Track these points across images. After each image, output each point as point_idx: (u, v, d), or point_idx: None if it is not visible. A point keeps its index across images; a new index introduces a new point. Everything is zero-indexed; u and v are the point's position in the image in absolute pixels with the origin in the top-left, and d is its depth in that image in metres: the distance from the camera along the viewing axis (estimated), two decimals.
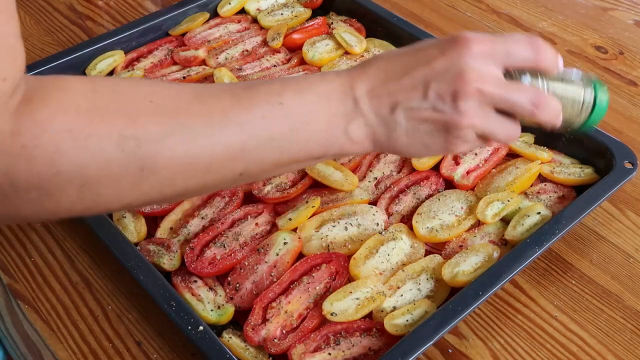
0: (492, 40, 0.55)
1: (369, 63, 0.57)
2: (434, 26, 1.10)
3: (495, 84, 0.54)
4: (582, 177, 0.80)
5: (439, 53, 0.55)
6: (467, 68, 0.53)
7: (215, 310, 0.68)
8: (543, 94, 0.56)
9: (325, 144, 0.56)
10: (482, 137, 0.57)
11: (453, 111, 0.54)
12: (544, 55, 0.56)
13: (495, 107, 0.55)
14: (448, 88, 0.54)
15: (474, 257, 0.71)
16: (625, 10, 1.14)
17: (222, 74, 0.92)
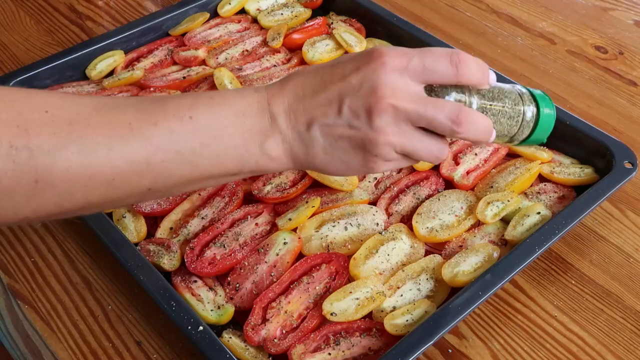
0: (408, 54, 0.54)
1: (288, 79, 0.56)
2: (434, 26, 1.10)
3: (410, 99, 0.52)
4: (582, 177, 0.80)
5: (353, 68, 0.53)
6: (381, 82, 0.52)
7: (215, 310, 0.68)
8: (464, 110, 0.53)
9: (239, 160, 0.54)
10: (404, 154, 0.55)
11: (368, 128, 0.53)
12: (467, 70, 0.54)
13: (414, 124, 0.53)
14: (362, 104, 0.52)
15: (474, 257, 0.71)
16: (625, 10, 1.14)
17: (222, 74, 0.92)
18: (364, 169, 0.56)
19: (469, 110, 0.54)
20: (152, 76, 0.95)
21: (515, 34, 1.09)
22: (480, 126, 0.55)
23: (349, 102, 0.53)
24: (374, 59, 0.53)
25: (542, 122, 0.57)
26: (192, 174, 0.54)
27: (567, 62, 1.03)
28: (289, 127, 0.54)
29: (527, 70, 1.01)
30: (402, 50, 0.54)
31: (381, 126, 0.52)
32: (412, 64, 0.53)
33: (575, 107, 0.95)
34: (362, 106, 0.52)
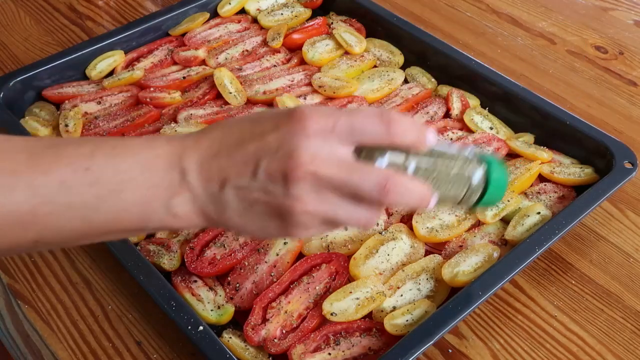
0: (334, 114, 0.48)
1: (206, 131, 0.51)
2: (434, 26, 1.10)
3: (333, 165, 0.47)
4: (582, 177, 0.80)
5: (273, 127, 0.48)
6: (300, 147, 0.47)
7: (215, 310, 0.68)
8: (394, 177, 0.48)
9: (142, 218, 0.49)
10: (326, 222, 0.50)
11: (284, 195, 0.48)
12: (399, 130, 0.49)
13: (339, 191, 0.48)
14: (278, 168, 0.47)
15: (474, 257, 0.71)
16: (625, 10, 1.14)
17: (222, 74, 0.92)
18: (284, 234, 0.51)
19: (399, 177, 0.48)
20: (152, 76, 0.95)
21: (515, 34, 1.09)
22: (414, 193, 0.49)
23: (265, 165, 0.47)
24: (294, 121, 0.48)
25: (492, 185, 0.52)
26: (86, 229, 0.49)
27: (567, 62, 1.03)
28: (201, 185, 0.49)
29: (527, 70, 1.01)
30: (328, 111, 0.49)
31: (299, 194, 0.47)
32: (338, 126, 0.48)
33: (575, 107, 0.95)
34: (278, 170, 0.47)
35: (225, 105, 0.90)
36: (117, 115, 0.89)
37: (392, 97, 0.92)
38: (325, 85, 0.92)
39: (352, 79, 0.94)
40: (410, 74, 0.97)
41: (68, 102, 0.91)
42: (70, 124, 0.86)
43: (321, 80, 0.92)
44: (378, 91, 0.92)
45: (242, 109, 0.89)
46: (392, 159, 0.50)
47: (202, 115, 0.88)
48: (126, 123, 0.87)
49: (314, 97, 0.92)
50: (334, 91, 0.91)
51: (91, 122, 0.88)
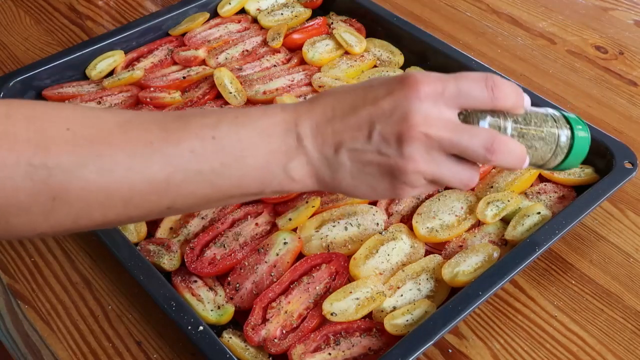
0: (443, 79, 0.52)
1: (317, 99, 0.54)
2: (434, 26, 1.10)
3: (443, 127, 0.51)
4: (582, 177, 0.80)
5: (386, 92, 0.52)
6: (413, 110, 0.50)
7: (215, 310, 0.68)
8: (499, 137, 0.52)
9: (262, 181, 0.53)
10: (433, 181, 0.54)
11: (397, 155, 0.51)
12: (502, 94, 0.53)
13: (446, 151, 0.52)
14: (393, 130, 0.51)
15: (474, 257, 0.71)
16: (625, 10, 1.14)
17: (222, 74, 0.92)
18: (391, 194, 0.54)
19: (503, 138, 0.53)
20: (152, 76, 0.95)
21: (515, 34, 1.09)
22: (514, 153, 0.54)
23: (380, 128, 0.51)
24: (407, 85, 0.51)
25: (576, 146, 0.56)
26: (213, 194, 0.52)
27: (567, 62, 1.03)
28: (316, 149, 0.52)
29: (527, 70, 1.01)
30: (438, 76, 0.52)
31: (411, 154, 0.51)
32: (447, 90, 0.51)
33: (575, 107, 0.95)
34: (392, 133, 0.51)
35: (226, 105, 0.90)
36: None
37: None
38: (325, 85, 0.92)
39: (352, 79, 0.94)
40: None
41: (68, 102, 0.91)
42: None
43: (321, 80, 0.92)
44: None
45: None
46: (492, 120, 0.53)
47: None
48: None
49: None
50: None
51: None
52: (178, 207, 0.53)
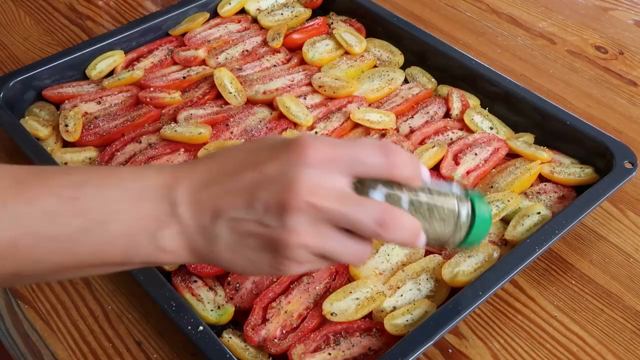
0: (335, 144, 0.47)
1: (199, 161, 0.50)
2: (434, 26, 1.10)
3: (332, 197, 0.46)
4: (582, 177, 0.80)
5: (271, 156, 0.47)
6: (299, 178, 0.45)
7: (215, 310, 0.68)
8: (392, 210, 0.47)
9: (127, 251, 0.47)
10: (320, 257, 0.48)
11: (280, 227, 0.46)
12: (398, 163, 0.48)
13: (334, 224, 0.47)
14: (276, 199, 0.45)
15: (474, 257, 0.71)
16: (625, 10, 1.14)
17: (222, 74, 0.92)
18: (274, 270, 0.49)
19: (396, 212, 0.48)
20: (152, 76, 0.95)
21: (515, 34, 1.09)
22: (408, 229, 0.48)
23: (262, 196, 0.46)
24: (295, 150, 0.46)
25: (477, 223, 0.52)
26: (69, 262, 0.47)
27: (567, 62, 1.03)
28: (192, 217, 0.47)
29: (527, 70, 1.01)
30: (330, 141, 0.47)
31: (295, 226, 0.45)
32: (339, 156, 0.47)
33: (575, 107, 0.95)
34: (275, 202, 0.45)
35: (225, 105, 0.90)
36: (117, 115, 0.89)
37: (392, 97, 0.92)
38: (325, 85, 0.92)
39: (352, 79, 0.94)
40: (410, 74, 0.97)
41: (68, 102, 0.91)
42: (70, 124, 0.86)
43: (321, 80, 0.92)
44: (378, 91, 0.92)
45: (242, 109, 0.89)
46: (386, 191, 0.49)
47: (202, 115, 0.88)
48: (126, 123, 0.87)
49: (314, 97, 0.92)
50: (334, 91, 0.91)
51: (91, 122, 0.88)
52: (27, 274, 0.47)
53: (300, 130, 0.85)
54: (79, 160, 0.84)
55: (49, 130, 0.87)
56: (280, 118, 0.88)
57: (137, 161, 0.82)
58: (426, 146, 0.83)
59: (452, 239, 0.52)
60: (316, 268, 0.51)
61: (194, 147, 0.84)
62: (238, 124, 0.87)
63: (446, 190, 0.51)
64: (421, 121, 0.89)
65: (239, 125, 0.87)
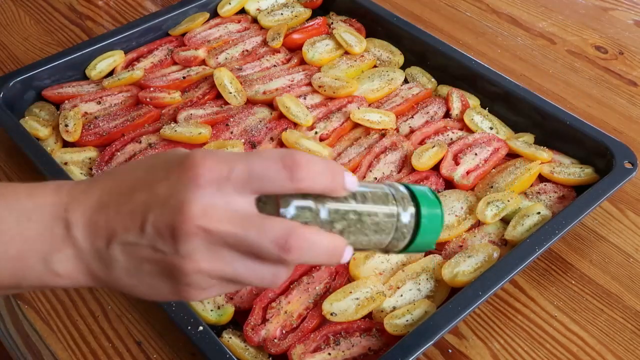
0: (230, 160, 0.43)
1: (98, 179, 0.46)
2: (434, 26, 1.10)
3: (227, 219, 0.42)
4: (582, 177, 0.80)
5: (164, 175, 0.43)
6: (190, 199, 0.41)
7: (215, 310, 0.68)
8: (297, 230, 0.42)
9: (15, 274, 0.44)
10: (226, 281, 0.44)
11: (173, 253, 0.42)
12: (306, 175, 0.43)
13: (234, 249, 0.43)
14: (166, 223, 0.42)
15: (474, 257, 0.71)
16: (625, 10, 1.14)
17: (222, 74, 0.92)
18: (176, 297, 0.45)
19: (302, 231, 0.42)
20: (152, 76, 0.95)
21: (515, 34, 1.09)
22: (321, 248, 0.43)
23: (153, 219, 0.42)
24: (185, 169, 0.42)
25: (424, 225, 0.46)
26: None
27: (567, 62, 1.03)
28: (87, 240, 0.43)
29: (527, 70, 1.01)
30: (224, 157, 0.43)
31: (189, 252, 0.42)
32: (235, 173, 0.42)
33: (575, 107, 0.95)
34: (166, 226, 0.42)
35: (225, 105, 0.90)
36: (117, 115, 0.89)
37: (392, 97, 0.92)
38: (325, 85, 0.92)
39: (352, 79, 0.94)
40: (410, 74, 0.97)
41: (68, 102, 0.91)
42: (70, 124, 0.86)
43: (321, 80, 0.92)
44: (378, 91, 0.92)
45: (242, 109, 0.89)
46: (299, 206, 0.43)
47: (202, 115, 0.88)
48: (126, 123, 0.87)
49: (314, 97, 0.92)
50: (334, 91, 0.91)
51: (91, 122, 0.88)
52: None
53: (300, 130, 0.85)
54: (79, 160, 0.84)
55: (49, 130, 0.87)
56: (280, 118, 0.88)
57: None
58: (426, 146, 0.83)
59: (395, 245, 0.47)
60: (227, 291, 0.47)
61: (194, 147, 0.84)
62: (238, 124, 0.87)
63: (382, 193, 0.46)
64: (421, 121, 0.89)
65: (239, 125, 0.87)
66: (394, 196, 0.46)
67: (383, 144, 0.84)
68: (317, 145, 0.83)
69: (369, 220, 0.45)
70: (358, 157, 0.83)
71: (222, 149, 0.44)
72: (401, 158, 0.84)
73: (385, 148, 0.84)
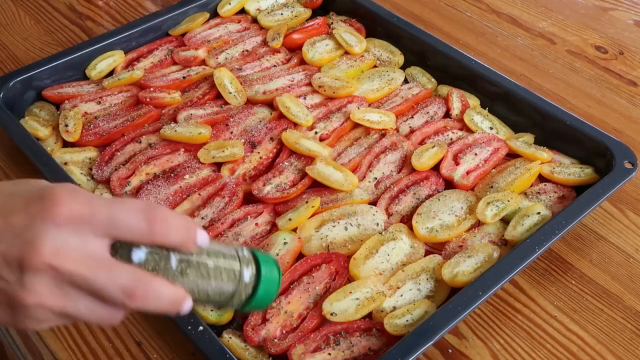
0: (93, 203, 0.44)
1: None
2: (434, 26, 1.10)
3: (79, 261, 0.43)
4: (582, 177, 0.80)
5: (23, 206, 0.44)
6: (44, 236, 0.42)
7: (215, 310, 0.68)
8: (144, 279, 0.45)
9: None
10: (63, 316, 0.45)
11: (17, 283, 0.43)
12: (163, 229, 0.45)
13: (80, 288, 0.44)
14: (16, 254, 0.42)
15: (474, 257, 0.71)
16: (625, 10, 1.14)
17: (222, 74, 0.92)
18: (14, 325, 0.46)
19: (149, 281, 0.45)
20: (152, 76, 0.95)
21: (515, 34, 1.09)
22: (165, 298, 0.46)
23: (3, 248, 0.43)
24: (46, 204, 0.43)
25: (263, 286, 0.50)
26: None
27: (567, 62, 1.03)
28: None
29: (527, 70, 1.01)
30: (87, 198, 0.44)
31: (34, 286, 0.43)
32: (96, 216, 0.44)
33: (575, 107, 0.95)
34: (15, 257, 0.42)
35: (225, 105, 0.90)
36: (117, 115, 0.89)
37: (392, 97, 0.92)
38: (325, 85, 0.92)
39: (352, 79, 0.94)
40: (410, 74, 0.97)
41: (68, 102, 0.91)
42: (70, 124, 0.86)
43: (321, 80, 0.92)
44: (378, 91, 0.92)
45: (242, 109, 0.89)
46: (149, 255, 0.46)
47: (202, 115, 0.88)
48: (126, 123, 0.88)
49: (314, 97, 0.92)
50: (334, 91, 0.91)
51: (91, 122, 0.88)
52: None
53: (300, 130, 0.85)
54: (79, 160, 0.84)
55: (48, 130, 0.87)
56: (280, 118, 0.88)
57: (137, 161, 0.82)
58: (426, 146, 0.83)
59: (234, 301, 0.50)
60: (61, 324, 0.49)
61: (194, 147, 0.84)
62: (238, 124, 0.87)
63: (228, 252, 0.50)
64: (421, 121, 0.89)
65: (239, 125, 0.87)
66: (240, 257, 0.50)
67: (383, 144, 0.84)
68: (317, 145, 0.83)
69: (212, 273, 0.49)
70: (358, 157, 0.83)
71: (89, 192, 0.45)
72: (401, 158, 0.84)
73: (385, 148, 0.84)
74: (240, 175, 0.82)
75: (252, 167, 0.83)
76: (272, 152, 0.84)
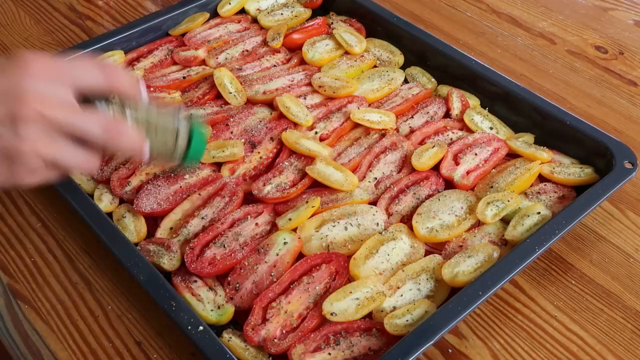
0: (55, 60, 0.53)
1: None
2: (434, 26, 1.10)
3: (59, 107, 0.51)
4: (582, 177, 0.80)
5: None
6: (27, 89, 0.50)
7: (215, 310, 0.68)
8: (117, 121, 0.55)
9: None
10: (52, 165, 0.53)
11: (13, 135, 0.50)
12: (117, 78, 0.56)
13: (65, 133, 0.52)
14: (7, 111, 0.50)
15: (474, 257, 0.71)
16: (625, 10, 1.14)
17: (222, 74, 0.92)
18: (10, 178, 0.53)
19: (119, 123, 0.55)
20: (152, 76, 0.95)
21: (515, 34, 1.09)
22: (133, 139, 0.56)
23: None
24: (19, 64, 0.51)
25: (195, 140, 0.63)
26: None
27: (567, 62, 1.03)
28: None
29: (527, 70, 1.01)
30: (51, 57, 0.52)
31: (27, 134, 0.50)
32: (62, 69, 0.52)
33: (575, 107, 0.95)
34: (7, 113, 0.50)
35: (225, 105, 0.90)
36: None
37: (392, 97, 0.92)
38: (325, 85, 0.92)
39: (352, 79, 0.94)
40: (410, 74, 0.97)
41: None
42: None
43: (321, 80, 0.92)
44: (378, 91, 0.92)
45: (242, 109, 0.89)
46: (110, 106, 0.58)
47: (202, 115, 0.88)
48: None
49: (314, 97, 0.92)
50: (334, 91, 0.91)
51: None
52: None
53: (300, 130, 0.85)
54: None
55: None
56: (280, 118, 0.88)
57: (137, 161, 0.82)
58: (426, 146, 0.83)
59: (174, 153, 0.63)
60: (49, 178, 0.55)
61: None
62: (238, 124, 0.87)
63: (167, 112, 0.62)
64: (421, 121, 0.89)
65: (239, 125, 0.87)
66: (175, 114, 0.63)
67: (383, 144, 0.84)
68: (317, 145, 0.83)
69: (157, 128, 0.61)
70: (358, 157, 0.83)
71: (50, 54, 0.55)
72: (401, 158, 0.84)
73: (385, 148, 0.84)
74: (240, 175, 0.82)
75: (252, 167, 0.83)
76: (272, 152, 0.84)
